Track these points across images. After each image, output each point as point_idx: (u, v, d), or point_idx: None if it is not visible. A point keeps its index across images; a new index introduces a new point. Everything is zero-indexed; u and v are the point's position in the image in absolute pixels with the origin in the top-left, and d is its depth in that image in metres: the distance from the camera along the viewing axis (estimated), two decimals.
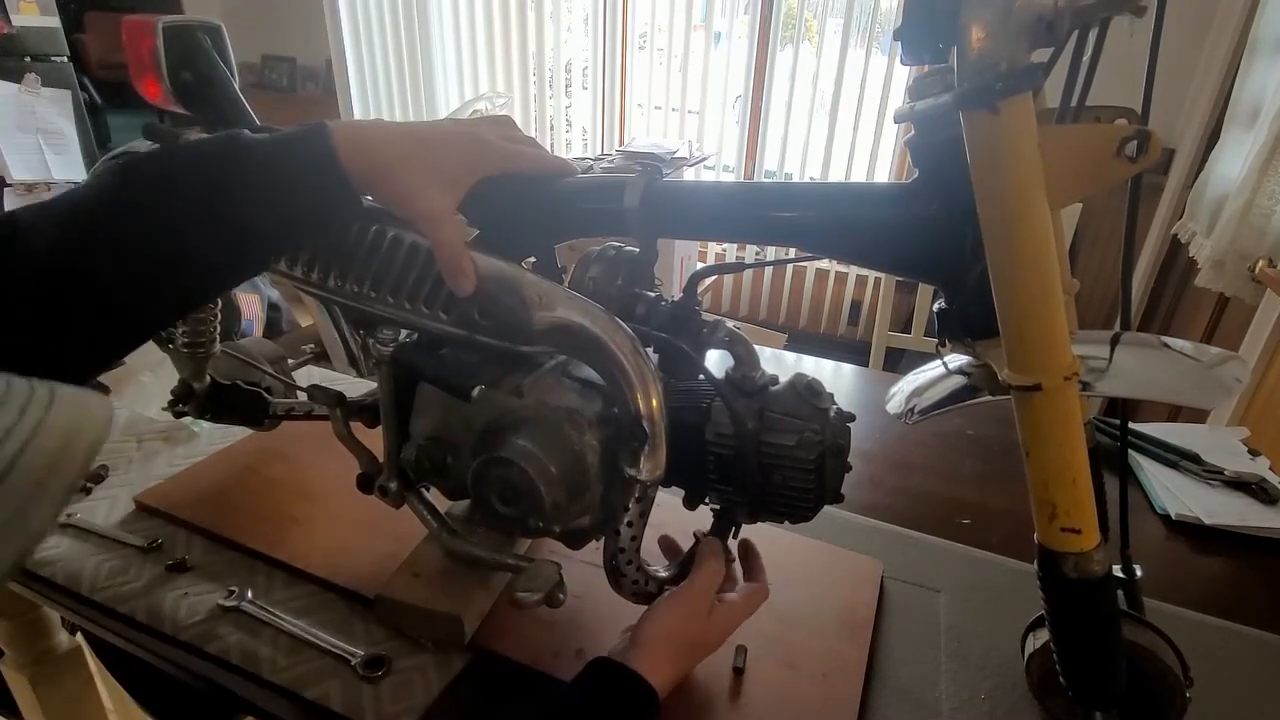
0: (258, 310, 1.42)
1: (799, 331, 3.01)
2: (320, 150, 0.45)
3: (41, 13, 2.25)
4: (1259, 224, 1.42)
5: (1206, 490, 0.91)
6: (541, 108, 3.07)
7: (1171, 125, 2.05)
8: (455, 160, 0.49)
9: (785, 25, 2.63)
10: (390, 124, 0.49)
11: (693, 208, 0.57)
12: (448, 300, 0.49)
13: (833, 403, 0.54)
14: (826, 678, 0.61)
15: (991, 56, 0.39)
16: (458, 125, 0.52)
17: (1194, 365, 0.48)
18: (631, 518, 0.54)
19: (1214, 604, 0.73)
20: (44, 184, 2.33)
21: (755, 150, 2.84)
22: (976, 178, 0.41)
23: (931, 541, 0.80)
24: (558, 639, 0.63)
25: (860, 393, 1.21)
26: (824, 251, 0.56)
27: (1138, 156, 0.40)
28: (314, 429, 0.73)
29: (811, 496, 0.53)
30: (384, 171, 0.47)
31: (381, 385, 0.55)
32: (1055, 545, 0.47)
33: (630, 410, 0.48)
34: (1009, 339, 0.43)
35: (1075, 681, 0.52)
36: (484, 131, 0.52)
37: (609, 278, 0.58)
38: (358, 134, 0.46)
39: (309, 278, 0.54)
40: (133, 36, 0.63)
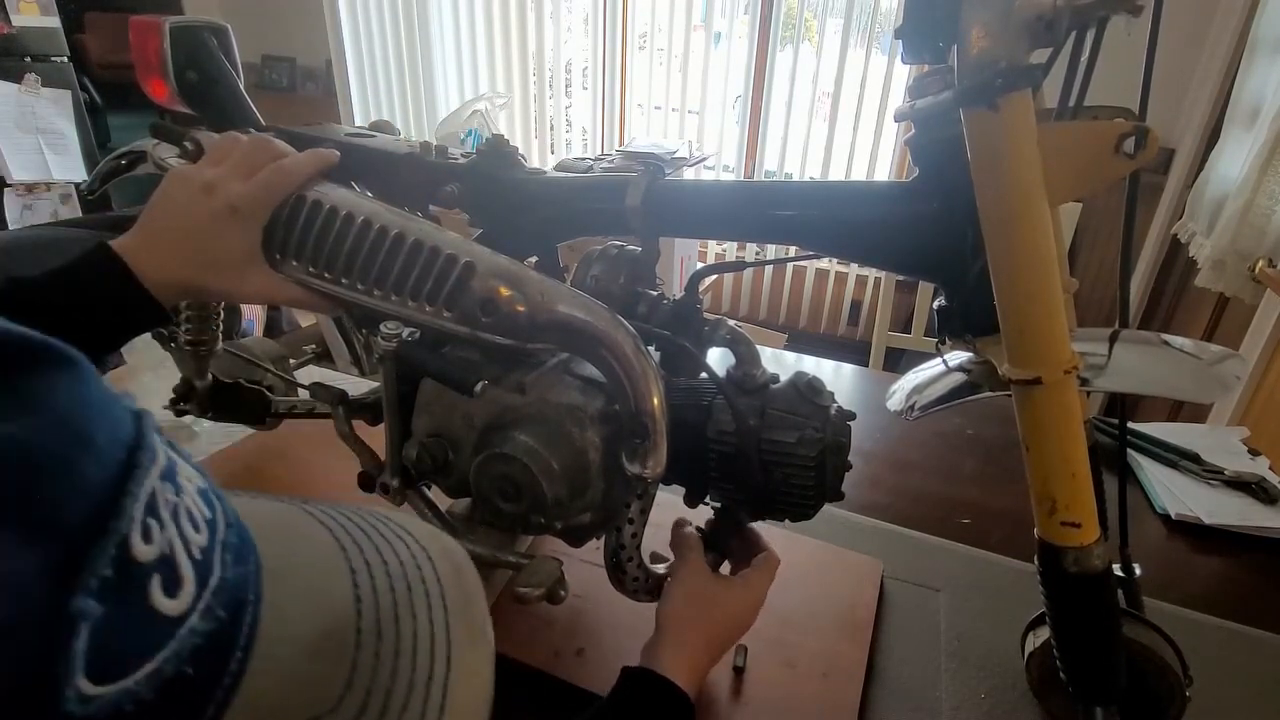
0: (259, 309, 1.42)
1: (799, 331, 3.01)
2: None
3: (41, 13, 2.25)
4: (1259, 224, 1.43)
5: (1206, 490, 0.91)
6: (541, 108, 3.07)
7: (1171, 125, 2.05)
8: (221, 243, 0.48)
9: (785, 25, 2.63)
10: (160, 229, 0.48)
11: (694, 207, 0.57)
12: (450, 297, 0.49)
13: (833, 401, 0.54)
14: (826, 678, 0.61)
15: (991, 55, 0.39)
16: (198, 201, 0.48)
17: (1193, 362, 0.48)
18: (633, 515, 0.55)
19: (1214, 604, 0.73)
20: (44, 184, 2.33)
21: (755, 150, 2.84)
22: (977, 175, 0.42)
23: (931, 541, 0.80)
24: (558, 638, 0.63)
25: (860, 392, 1.21)
26: (825, 250, 0.56)
27: (1136, 153, 0.40)
28: (314, 428, 0.73)
29: (812, 494, 0.53)
30: (189, 290, 0.48)
31: (384, 382, 0.55)
32: (1055, 540, 0.47)
33: (632, 407, 0.48)
34: (1009, 333, 0.43)
35: (1076, 678, 0.52)
36: (219, 187, 0.48)
37: (611, 276, 0.58)
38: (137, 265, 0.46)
39: (313, 276, 0.54)
40: (139, 37, 0.63)
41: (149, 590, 0.18)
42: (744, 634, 0.56)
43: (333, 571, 0.25)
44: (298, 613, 0.23)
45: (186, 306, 0.71)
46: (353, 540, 0.27)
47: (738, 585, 0.56)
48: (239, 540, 0.23)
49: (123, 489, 0.18)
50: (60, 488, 0.17)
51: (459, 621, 0.26)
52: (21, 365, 0.18)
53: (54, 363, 0.19)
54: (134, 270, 0.46)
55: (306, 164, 0.51)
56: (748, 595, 0.56)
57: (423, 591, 0.26)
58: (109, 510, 0.18)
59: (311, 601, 0.24)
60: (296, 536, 0.26)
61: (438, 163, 0.61)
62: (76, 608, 0.16)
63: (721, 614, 0.54)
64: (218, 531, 0.22)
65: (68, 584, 0.16)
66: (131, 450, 0.19)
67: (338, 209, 0.50)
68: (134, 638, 0.18)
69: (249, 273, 0.50)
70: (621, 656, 0.51)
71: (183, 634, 0.19)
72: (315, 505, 0.29)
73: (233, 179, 0.49)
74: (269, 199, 0.49)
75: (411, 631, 0.25)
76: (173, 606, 0.19)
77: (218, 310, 0.73)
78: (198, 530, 0.21)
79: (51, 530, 0.17)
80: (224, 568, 0.21)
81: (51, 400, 0.18)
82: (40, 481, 0.17)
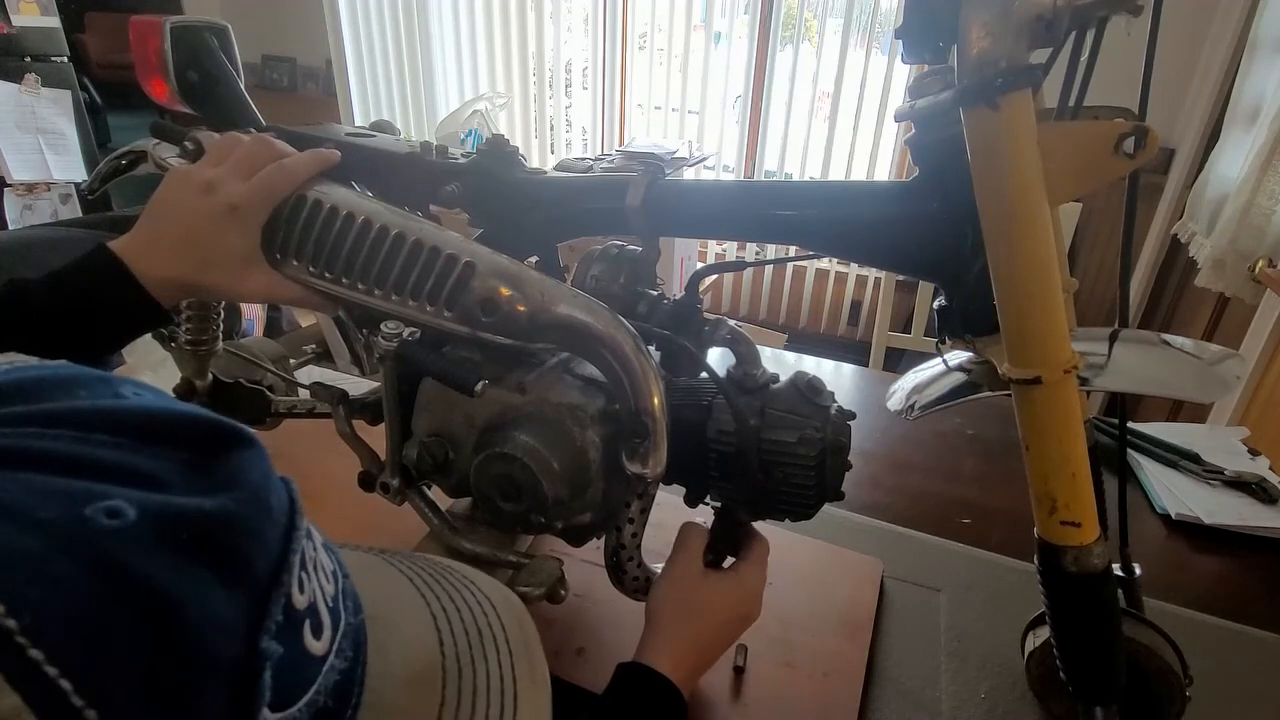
0: (259, 309, 1.42)
1: (799, 331, 3.01)
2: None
3: (41, 13, 2.25)
4: (1259, 224, 1.43)
5: (1206, 490, 0.91)
6: (541, 108, 3.07)
7: (1171, 125, 2.05)
8: (220, 242, 0.48)
9: (785, 25, 2.63)
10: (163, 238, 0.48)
11: (694, 206, 0.57)
12: (450, 297, 0.49)
13: (833, 401, 0.54)
14: (826, 677, 0.61)
15: (991, 54, 0.39)
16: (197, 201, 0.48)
17: (1193, 361, 0.48)
18: (633, 514, 0.55)
19: (1214, 603, 0.73)
20: (44, 184, 2.33)
21: (755, 150, 2.84)
22: (977, 174, 0.42)
23: (931, 541, 0.80)
24: (558, 638, 0.63)
25: (860, 392, 1.21)
26: (825, 250, 0.56)
27: (1135, 152, 0.40)
28: (314, 428, 0.73)
29: (812, 494, 0.53)
30: (189, 291, 0.49)
31: (384, 381, 0.55)
32: (1055, 539, 0.47)
33: (632, 407, 0.48)
34: (1009, 333, 0.44)
35: (1075, 677, 0.52)
36: (220, 186, 0.48)
37: (611, 276, 0.58)
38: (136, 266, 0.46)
39: (313, 275, 0.54)
40: (140, 37, 0.63)
41: (304, 633, 0.22)
42: (745, 628, 0.55)
43: (419, 617, 0.29)
44: (395, 654, 0.26)
45: (186, 306, 0.71)
46: (429, 588, 0.30)
47: (726, 579, 0.55)
48: (352, 589, 0.26)
49: (288, 547, 0.22)
50: (254, 548, 0.21)
51: (523, 665, 0.29)
52: (225, 446, 0.22)
53: (244, 444, 0.23)
54: (133, 271, 0.46)
55: (307, 163, 0.51)
56: (737, 588, 0.54)
57: (491, 637, 0.29)
58: (281, 566, 0.21)
59: (405, 643, 0.27)
60: (383, 582, 0.30)
61: (438, 162, 0.61)
62: (264, 646, 0.20)
63: (709, 609, 0.53)
64: (339, 581, 0.25)
65: (258, 628, 0.20)
66: (290, 514, 0.23)
67: (338, 208, 0.50)
68: (297, 674, 0.21)
69: (249, 272, 0.50)
70: (621, 656, 0.51)
71: (326, 670, 0.22)
72: (391, 555, 0.32)
73: (233, 178, 0.49)
74: (269, 198, 0.49)
75: (485, 672, 0.28)
76: (319, 647, 0.22)
77: (218, 310, 0.73)
78: (328, 581, 0.24)
79: (249, 584, 0.20)
80: (347, 613, 0.25)
81: (247, 476, 0.22)
82: (243, 544, 0.20)
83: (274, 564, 0.21)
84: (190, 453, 0.21)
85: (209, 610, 0.18)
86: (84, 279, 0.46)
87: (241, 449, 0.22)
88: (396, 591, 0.29)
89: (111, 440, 0.20)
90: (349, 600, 0.25)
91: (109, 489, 0.18)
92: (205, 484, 0.20)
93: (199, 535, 0.19)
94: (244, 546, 0.20)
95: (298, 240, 0.51)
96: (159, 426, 0.21)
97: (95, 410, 0.21)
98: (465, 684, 0.27)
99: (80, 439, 0.20)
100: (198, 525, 0.19)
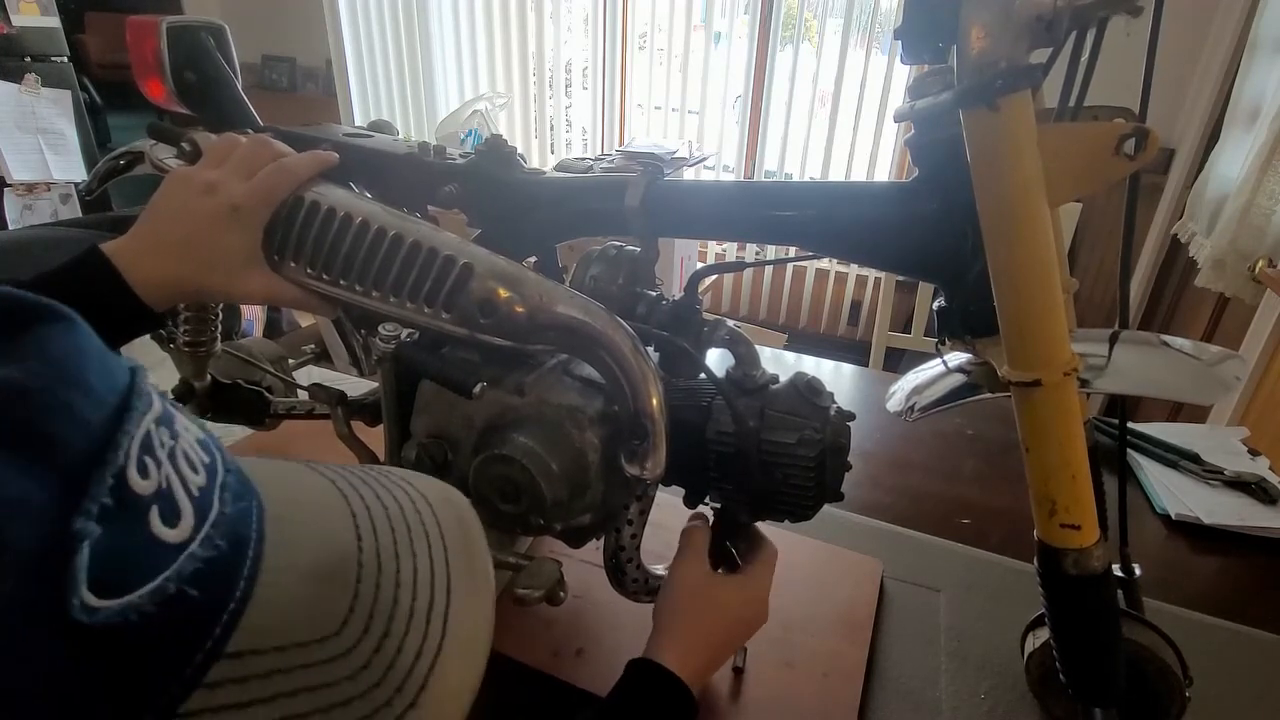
0: (258, 310, 1.42)
1: (799, 331, 3.01)
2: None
3: (41, 13, 2.24)
4: (1259, 224, 1.42)
5: (1206, 490, 0.91)
6: (541, 108, 3.07)
7: (1171, 125, 2.05)
8: (222, 243, 0.48)
9: (785, 25, 2.63)
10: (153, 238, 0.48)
11: (694, 207, 0.57)
12: (449, 298, 0.49)
13: (833, 401, 0.54)
14: (826, 678, 0.61)
15: (991, 55, 0.39)
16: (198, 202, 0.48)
17: (1193, 363, 0.48)
18: (632, 516, 0.55)
19: (1214, 604, 0.73)
20: (44, 184, 2.33)
21: (755, 150, 2.84)
22: (976, 175, 0.42)
23: (931, 541, 0.80)
24: (558, 638, 0.63)
25: (860, 393, 1.21)
26: (824, 250, 0.56)
27: (1136, 154, 0.40)
28: (313, 429, 0.73)
29: (812, 495, 0.53)
30: (186, 293, 0.49)
31: (383, 383, 0.55)
32: (1055, 541, 0.47)
33: (631, 408, 0.48)
34: (1009, 335, 0.43)
35: (1075, 679, 0.52)
36: (221, 187, 0.49)
37: (610, 277, 0.58)
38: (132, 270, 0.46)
39: (311, 277, 0.54)
40: (136, 37, 0.63)
41: (149, 519, 0.21)
42: (752, 632, 0.55)
43: (334, 514, 0.27)
44: (301, 548, 0.25)
45: (185, 307, 0.71)
46: (353, 488, 0.29)
47: (735, 581, 0.55)
48: (238, 484, 0.25)
49: (117, 427, 0.20)
50: (57, 423, 0.19)
51: (459, 561, 0.28)
52: (19, 320, 0.21)
53: (49, 319, 0.21)
54: (126, 274, 0.46)
55: (307, 164, 0.51)
56: (746, 592, 0.55)
57: (422, 532, 0.28)
58: (105, 445, 0.20)
59: (314, 538, 0.26)
60: (299, 485, 0.29)
61: (436, 163, 0.61)
62: (77, 528, 0.18)
63: (719, 610, 0.53)
64: (216, 475, 0.24)
65: (69, 507, 0.18)
66: (125, 396, 0.21)
67: (336, 210, 0.50)
68: (135, 560, 0.20)
69: (249, 273, 0.50)
70: (621, 656, 0.51)
71: (183, 559, 0.21)
72: (317, 464, 0.31)
73: (234, 179, 0.49)
74: (270, 198, 0.49)
75: (411, 567, 0.27)
76: (172, 535, 0.21)
77: (216, 311, 0.73)
78: (195, 472, 0.23)
79: (51, 461, 0.19)
80: (223, 504, 0.23)
81: (47, 349, 0.20)
82: (37, 418, 0.19)
83: (95, 443, 0.20)
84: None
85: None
86: (74, 281, 0.45)
87: (46, 325, 0.21)
88: (311, 493, 0.28)
89: None
90: (227, 492, 0.24)
91: None
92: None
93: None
94: (45, 421, 0.19)
95: (296, 241, 0.51)
96: None
97: None
98: (385, 578, 0.26)
99: None
100: None
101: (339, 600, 0.25)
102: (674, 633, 0.51)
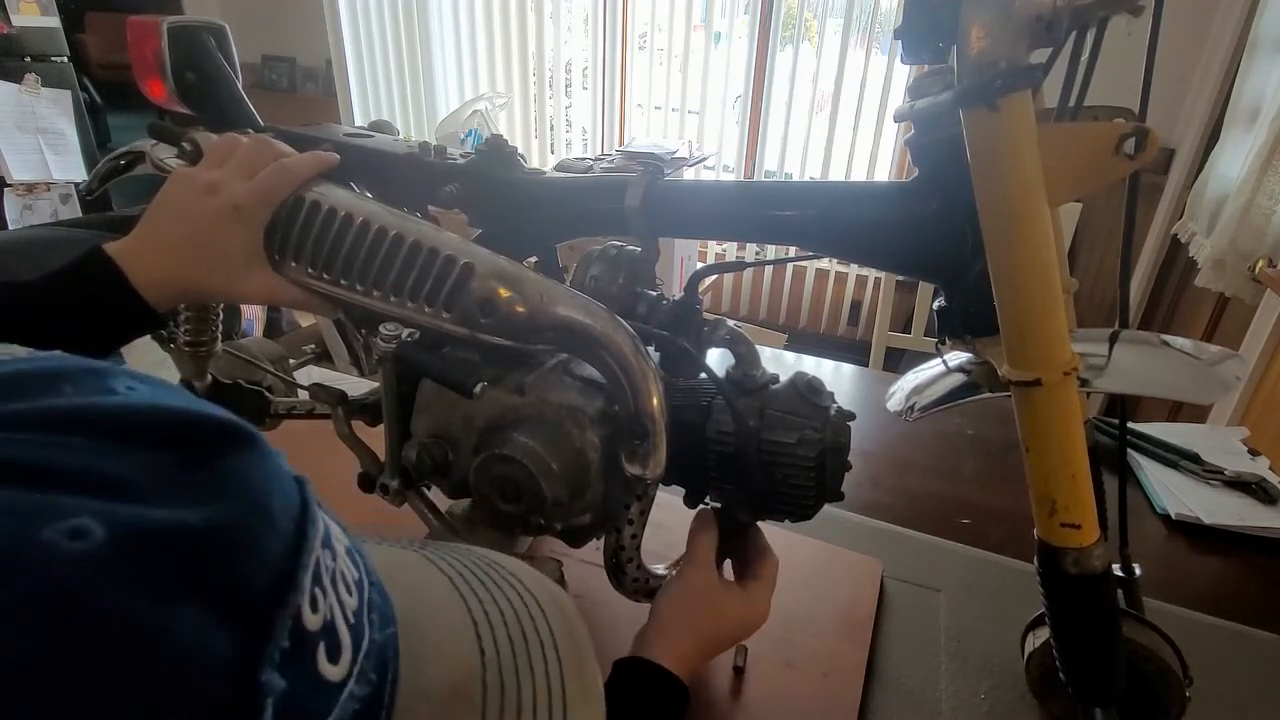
0: (258, 310, 1.42)
1: (799, 331, 3.01)
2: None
3: (41, 13, 2.24)
4: (1259, 224, 1.42)
5: (1206, 490, 0.91)
6: (541, 108, 3.07)
7: (1171, 125, 2.05)
8: (223, 244, 0.48)
9: (785, 25, 2.63)
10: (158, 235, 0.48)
11: (694, 207, 0.57)
12: (449, 298, 0.49)
13: (833, 401, 0.54)
14: (826, 677, 0.61)
15: (991, 55, 0.39)
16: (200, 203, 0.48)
17: (1193, 362, 0.48)
18: (632, 515, 0.55)
19: (1214, 604, 0.73)
20: (44, 184, 2.33)
21: (755, 150, 2.84)
22: (976, 175, 0.42)
23: (931, 541, 0.80)
24: None
25: (860, 392, 1.21)
26: (824, 250, 0.56)
27: (1136, 153, 0.40)
28: (313, 429, 0.73)
29: (812, 494, 0.53)
30: (188, 293, 0.49)
31: (384, 383, 0.55)
32: (1055, 541, 0.47)
33: (631, 408, 0.48)
34: (1009, 334, 0.43)
35: (1075, 678, 0.52)
36: (223, 187, 0.49)
37: (610, 276, 0.58)
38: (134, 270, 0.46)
39: (312, 277, 0.54)
40: (137, 37, 0.63)
41: (317, 659, 0.19)
42: (746, 637, 0.56)
43: (458, 623, 0.25)
44: (430, 667, 0.23)
45: (186, 307, 0.71)
46: (470, 588, 0.27)
47: (739, 595, 0.56)
48: (380, 599, 0.23)
49: (296, 561, 0.18)
50: (251, 566, 0.17)
51: (573, 675, 0.27)
52: (221, 446, 0.19)
53: (243, 443, 0.19)
54: (128, 274, 0.46)
55: (307, 163, 0.51)
56: (748, 606, 0.56)
57: (538, 643, 0.26)
58: (287, 583, 0.18)
59: (441, 655, 0.24)
60: (420, 586, 0.26)
61: (437, 163, 0.61)
62: (265, 682, 0.16)
63: (718, 619, 0.54)
64: (364, 592, 0.22)
65: (255, 658, 0.17)
66: (300, 521, 0.19)
67: (337, 210, 0.50)
68: (305, 706, 0.18)
69: (250, 273, 0.50)
70: (620, 655, 0.51)
71: (344, 699, 0.19)
72: (430, 548, 0.29)
73: (235, 179, 0.49)
74: (271, 198, 0.49)
75: (531, 685, 0.25)
76: (335, 673, 0.19)
77: (217, 311, 0.73)
78: (350, 594, 0.21)
79: (242, 607, 0.17)
80: (372, 629, 0.21)
81: (244, 480, 0.18)
82: (237, 562, 0.17)
83: (278, 582, 0.18)
84: (179, 454, 0.18)
85: (192, 644, 0.16)
86: (77, 282, 0.45)
87: (240, 449, 0.19)
88: (432, 592, 0.26)
89: (87, 444, 0.17)
90: (375, 614, 0.22)
91: (78, 502, 0.15)
92: (192, 492, 0.17)
93: (181, 555, 0.16)
94: (238, 564, 0.17)
95: (296, 241, 0.51)
96: (143, 425, 0.18)
97: (73, 409, 0.18)
98: (509, 700, 0.24)
99: (50, 443, 0.17)
100: (179, 543, 0.16)
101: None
102: (671, 634, 0.52)
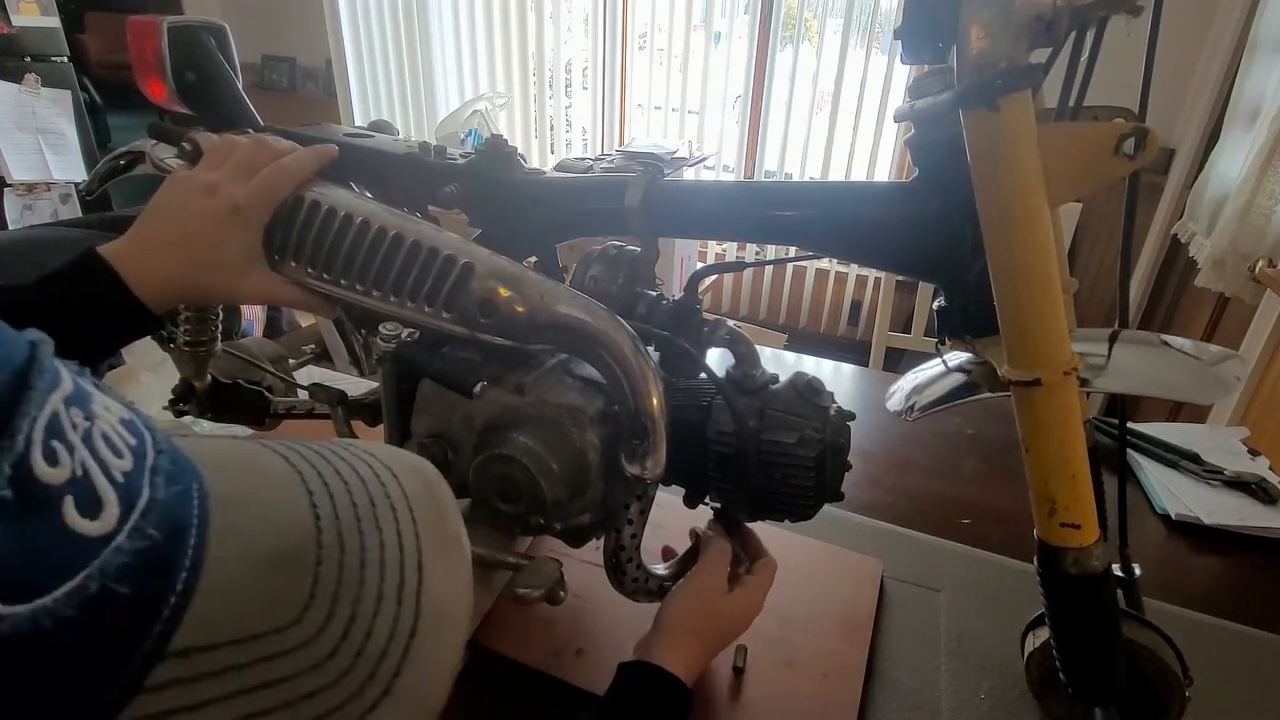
0: (258, 310, 1.42)
1: (799, 331, 3.01)
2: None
3: (41, 13, 2.24)
4: (1259, 224, 1.42)
5: (1206, 490, 0.91)
6: (541, 108, 3.07)
7: (1171, 125, 2.05)
8: (223, 244, 0.49)
9: (785, 25, 2.63)
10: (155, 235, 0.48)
11: (694, 207, 0.57)
12: (449, 298, 0.49)
13: (833, 401, 0.54)
14: (826, 677, 0.61)
15: (991, 55, 0.39)
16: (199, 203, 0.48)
17: (1193, 362, 0.48)
18: (632, 516, 0.55)
19: (1214, 604, 0.73)
20: (44, 184, 2.33)
21: (755, 150, 2.84)
22: (976, 175, 0.42)
23: (931, 541, 0.80)
24: (558, 638, 0.63)
25: (860, 392, 1.21)
26: (824, 250, 0.56)
27: (1136, 153, 0.40)
28: (314, 429, 0.73)
29: (812, 494, 0.53)
30: (186, 294, 0.49)
31: (383, 383, 0.55)
32: (1055, 541, 0.47)
33: (631, 408, 0.48)
34: (1009, 334, 0.43)
35: (1075, 678, 0.52)
36: (222, 187, 0.49)
37: (610, 276, 0.58)
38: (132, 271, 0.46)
39: (312, 277, 0.54)
40: (137, 37, 0.63)
41: (61, 512, 0.18)
42: (736, 638, 0.57)
43: (288, 493, 0.25)
44: (251, 534, 0.23)
45: (185, 307, 0.71)
46: (310, 465, 0.26)
47: (740, 595, 0.56)
48: (173, 466, 0.22)
49: (14, 409, 0.18)
50: None
51: (430, 533, 0.26)
52: None
53: None
54: (125, 276, 0.46)
55: (306, 161, 0.51)
56: (747, 605, 0.57)
57: (387, 505, 0.26)
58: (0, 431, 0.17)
59: (265, 523, 0.24)
60: (248, 467, 0.26)
61: (436, 163, 0.61)
62: None
63: (720, 620, 0.55)
64: (145, 458, 0.22)
65: None
66: (22, 374, 0.18)
67: (336, 209, 0.50)
68: (46, 558, 0.18)
69: (250, 273, 0.50)
70: (621, 656, 0.51)
71: (107, 554, 0.19)
72: (276, 441, 0.28)
73: (234, 179, 0.49)
74: (271, 198, 0.49)
75: (378, 544, 0.25)
76: (92, 527, 0.19)
77: (216, 311, 0.73)
78: (120, 456, 0.21)
79: None
80: (154, 489, 0.21)
81: None
82: None
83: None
84: None
85: None
86: (73, 284, 0.45)
87: None
88: (262, 471, 0.26)
89: None
90: (158, 476, 0.21)
91: None
92: None
93: None
94: None
95: (296, 241, 0.51)
96: None
97: None
98: (350, 557, 0.24)
99: None
100: None
101: (298, 586, 0.23)
102: (679, 640, 0.52)
